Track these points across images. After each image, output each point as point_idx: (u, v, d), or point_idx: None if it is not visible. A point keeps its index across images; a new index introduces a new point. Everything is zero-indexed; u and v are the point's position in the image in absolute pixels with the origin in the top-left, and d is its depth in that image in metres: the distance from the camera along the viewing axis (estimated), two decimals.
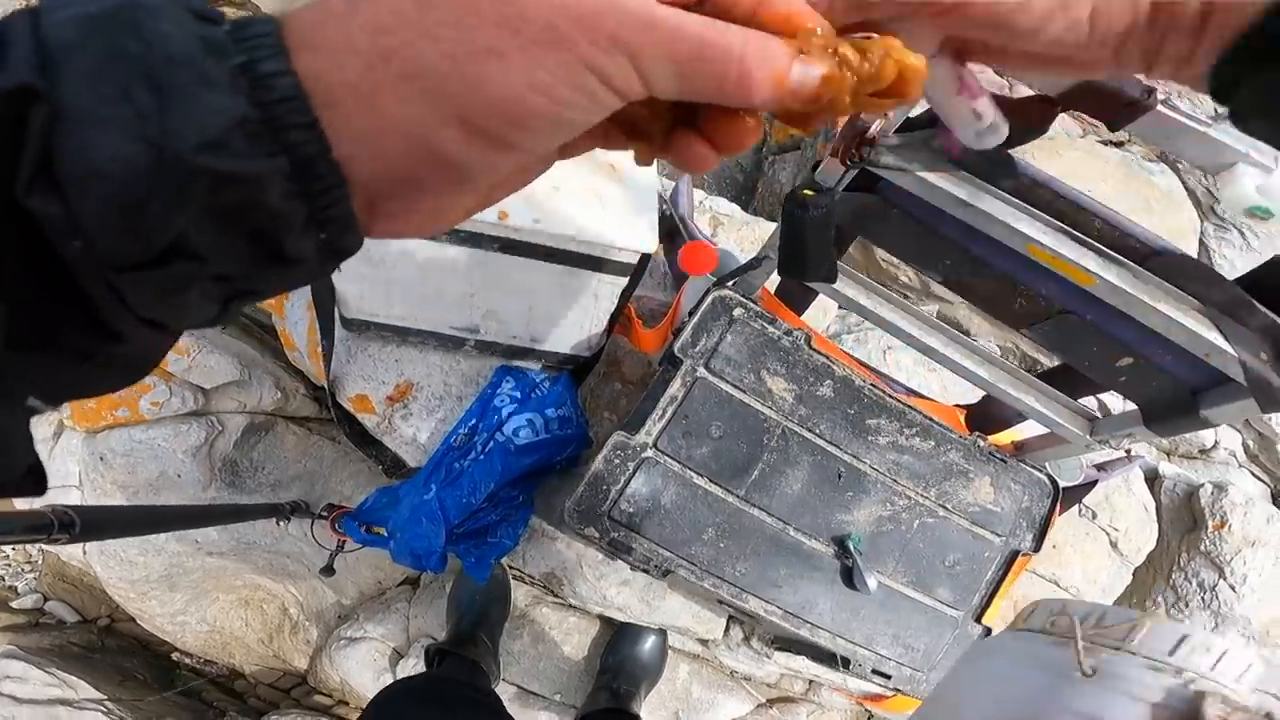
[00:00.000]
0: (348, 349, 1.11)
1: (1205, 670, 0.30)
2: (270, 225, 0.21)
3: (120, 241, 0.19)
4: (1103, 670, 0.32)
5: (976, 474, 1.05)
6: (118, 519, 0.80)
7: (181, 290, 0.21)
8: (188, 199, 0.19)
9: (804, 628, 0.98)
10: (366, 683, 1.43)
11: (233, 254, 0.21)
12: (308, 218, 0.21)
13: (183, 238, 0.20)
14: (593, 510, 0.90)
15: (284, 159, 0.20)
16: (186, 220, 0.19)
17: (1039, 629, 0.38)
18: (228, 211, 0.20)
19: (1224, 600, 1.59)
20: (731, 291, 0.99)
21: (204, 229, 0.20)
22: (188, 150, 0.18)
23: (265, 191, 0.20)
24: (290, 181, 0.20)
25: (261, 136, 0.20)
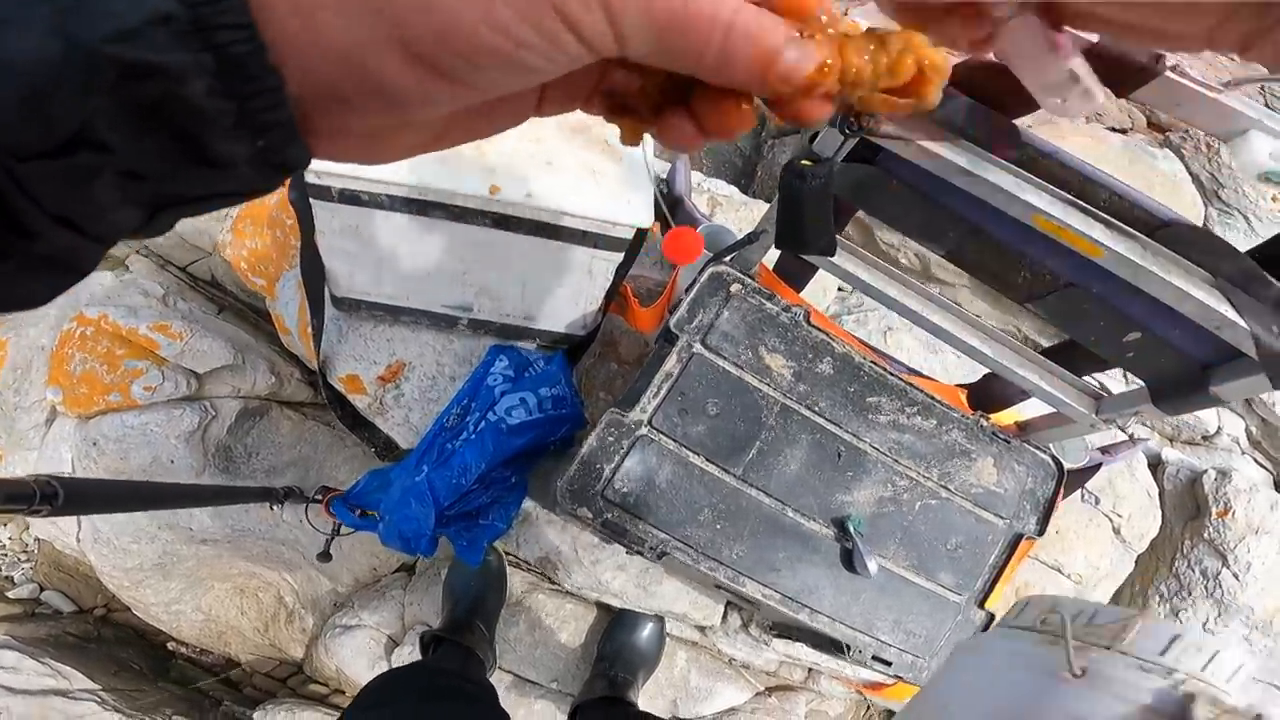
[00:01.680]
0: (338, 328, 1.09)
1: (1196, 671, 0.30)
2: (192, 123, 0.20)
3: (21, 130, 0.18)
4: (1092, 670, 0.31)
5: (979, 454, 1.03)
6: (103, 492, 0.78)
7: (87, 182, 0.20)
8: (93, 87, 0.18)
9: (803, 612, 0.96)
10: (362, 671, 1.41)
11: (148, 150, 0.20)
12: (237, 120, 0.20)
13: (88, 128, 0.19)
14: (586, 490, 0.89)
15: (208, 56, 0.19)
16: (92, 110, 0.18)
17: (1029, 626, 0.37)
18: (141, 104, 0.19)
19: (1227, 589, 1.57)
20: (728, 267, 0.97)
21: (115, 121, 0.19)
22: (97, 39, 0.18)
23: (183, 86, 0.19)
24: (216, 79, 0.19)
25: (186, 35, 0.18)
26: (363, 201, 0.88)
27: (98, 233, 0.22)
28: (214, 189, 0.22)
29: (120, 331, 1.30)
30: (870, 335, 1.48)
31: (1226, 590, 1.57)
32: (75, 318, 1.33)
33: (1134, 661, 0.31)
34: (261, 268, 1.29)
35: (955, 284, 1.77)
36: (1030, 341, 1.80)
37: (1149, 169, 1.95)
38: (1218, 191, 1.98)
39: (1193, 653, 0.30)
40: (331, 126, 0.23)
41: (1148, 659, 0.30)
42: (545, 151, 0.91)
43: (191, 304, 1.48)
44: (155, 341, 1.30)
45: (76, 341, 1.30)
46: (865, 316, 1.50)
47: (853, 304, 1.53)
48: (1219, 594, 1.57)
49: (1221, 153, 1.98)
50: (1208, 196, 1.99)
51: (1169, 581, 1.63)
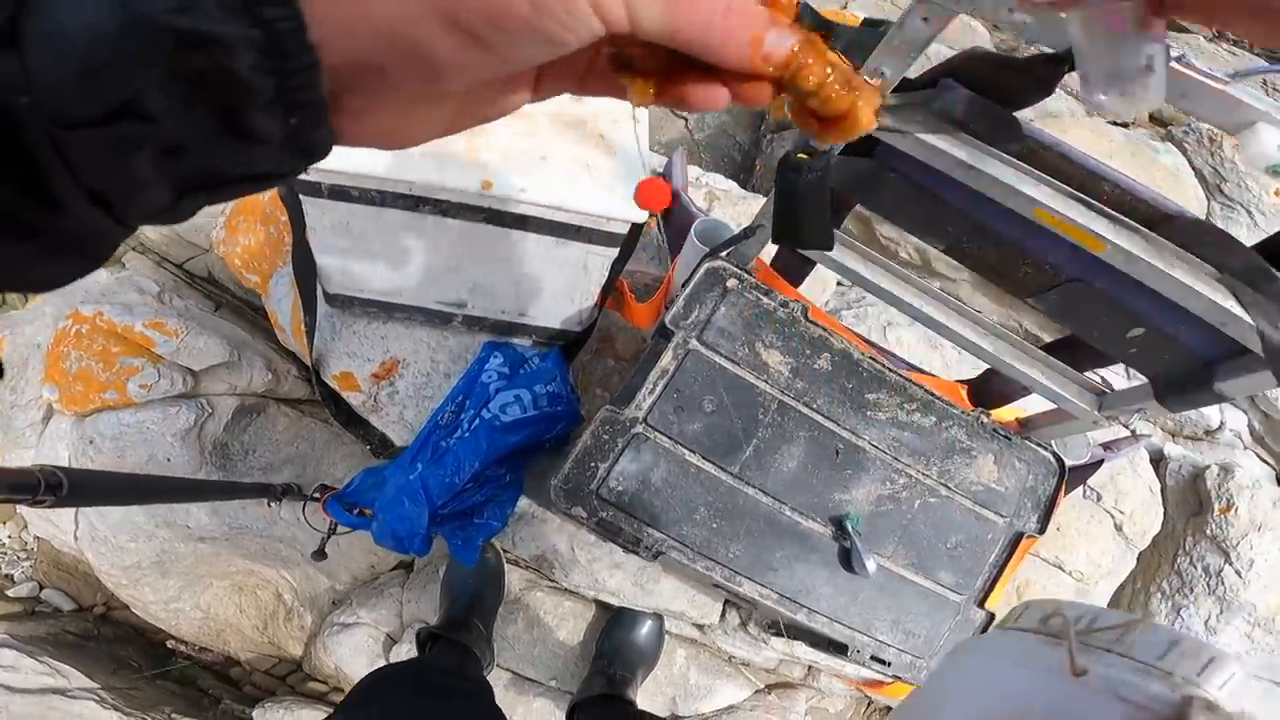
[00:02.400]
0: (332, 325, 1.08)
1: (1193, 676, 0.30)
2: (235, 95, 0.20)
3: (74, 98, 0.19)
4: (1093, 671, 0.32)
5: (979, 451, 1.01)
6: (106, 484, 0.78)
7: (130, 153, 0.20)
8: (151, 56, 0.19)
9: (800, 612, 0.95)
10: (360, 669, 1.41)
11: (190, 120, 0.20)
12: (274, 96, 0.21)
13: (139, 97, 0.19)
14: (580, 489, 0.88)
15: (257, 31, 0.20)
16: (147, 78, 0.19)
17: (1030, 629, 0.37)
18: (191, 74, 0.19)
19: (1229, 586, 1.56)
20: (725, 262, 0.96)
21: (164, 89, 0.19)
22: (158, 10, 0.18)
23: (233, 59, 0.19)
24: (262, 54, 0.20)
25: (238, 9, 0.19)
26: (353, 198, 0.87)
27: (126, 213, 0.22)
28: (246, 169, 0.23)
29: (116, 329, 1.30)
30: (870, 331, 1.47)
31: (1229, 587, 1.55)
32: (71, 315, 1.32)
33: (1133, 664, 0.31)
34: (255, 264, 1.28)
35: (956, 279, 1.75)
36: (1032, 337, 1.78)
37: (1150, 162, 1.93)
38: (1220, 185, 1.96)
39: (1190, 658, 0.30)
40: (362, 104, 0.24)
41: (1147, 662, 0.31)
42: (539, 146, 0.90)
43: (188, 301, 1.47)
44: (151, 339, 1.29)
45: (72, 339, 1.30)
46: (865, 312, 1.49)
47: (852, 299, 1.52)
48: (1221, 591, 1.56)
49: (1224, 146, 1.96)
50: (1210, 190, 1.97)
51: (1171, 578, 1.62)
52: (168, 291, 1.48)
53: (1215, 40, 2.68)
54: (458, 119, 0.28)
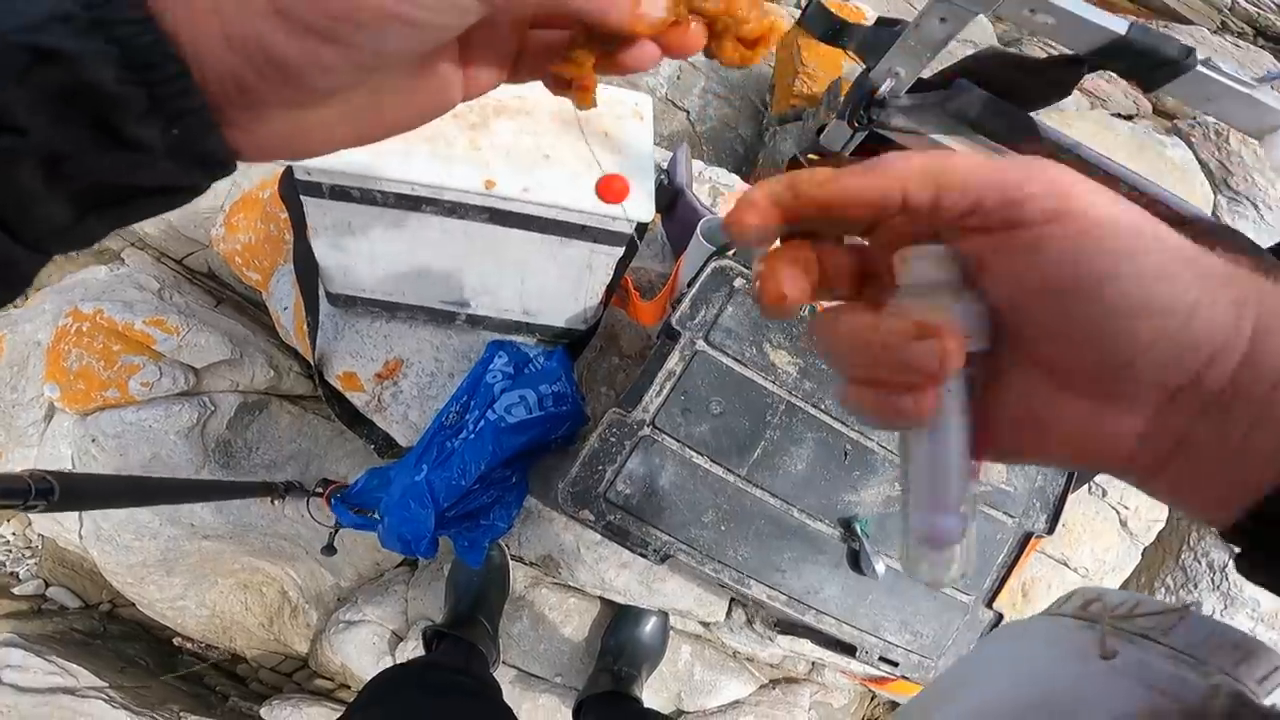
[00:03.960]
0: (334, 325, 1.07)
1: (1228, 667, 0.29)
2: (106, 106, 0.20)
3: None
4: (1124, 655, 0.31)
5: None
6: (100, 487, 0.77)
7: (10, 165, 0.20)
8: (8, 71, 0.19)
9: (809, 614, 0.95)
10: (366, 666, 1.41)
11: (63, 131, 0.20)
12: (149, 106, 0.21)
13: (5, 112, 0.19)
14: (588, 492, 0.87)
15: (113, 47, 0.20)
16: (11, 94, 0.19)
17: (1071, 614, 0.37)
18: (54, 88, 0.20)
19: (1233, 581, 1.56)
20: (732, 261, 0.95)
21: (32, 106, 0.20)
22: (6, 28, 0.19)
23: (91, 72, 0.20)
24: (123, 68, 0.20)
25: (90, 31, 0.19)
26: (354, 198, 0.85)
27: (28, 233, 0.22)
28: (135, 180, 0.22)
29: (116, 327, 1.29)
30: None
31: (1233, 583, 1.56)
32: (70, 313, 1.31)
33: (1167, 651, 0.30)
34: (256, 262, 1.27)
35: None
36: None
37: (1157, 156, 1.91)
38: (1227, 179, 1.94)
39: (1228, 649, 0.30)
40: (247, 117, 0.23)
41: (1183, 650, 0.30)
42: (542, 145, 0.89)
43: (188, 297, 1.46)
44: (151, 336, 1.28)
45: (73, 337, 1.29)
46: None
47: None
48: (1225, 586, 1.56)
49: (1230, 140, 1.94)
50: (1216, 184, 1.95)
51: (1175, 574, 1.62)
52: (168, 288, 1.47)
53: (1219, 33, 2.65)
54: (369, 123, 0.27)
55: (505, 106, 0.92)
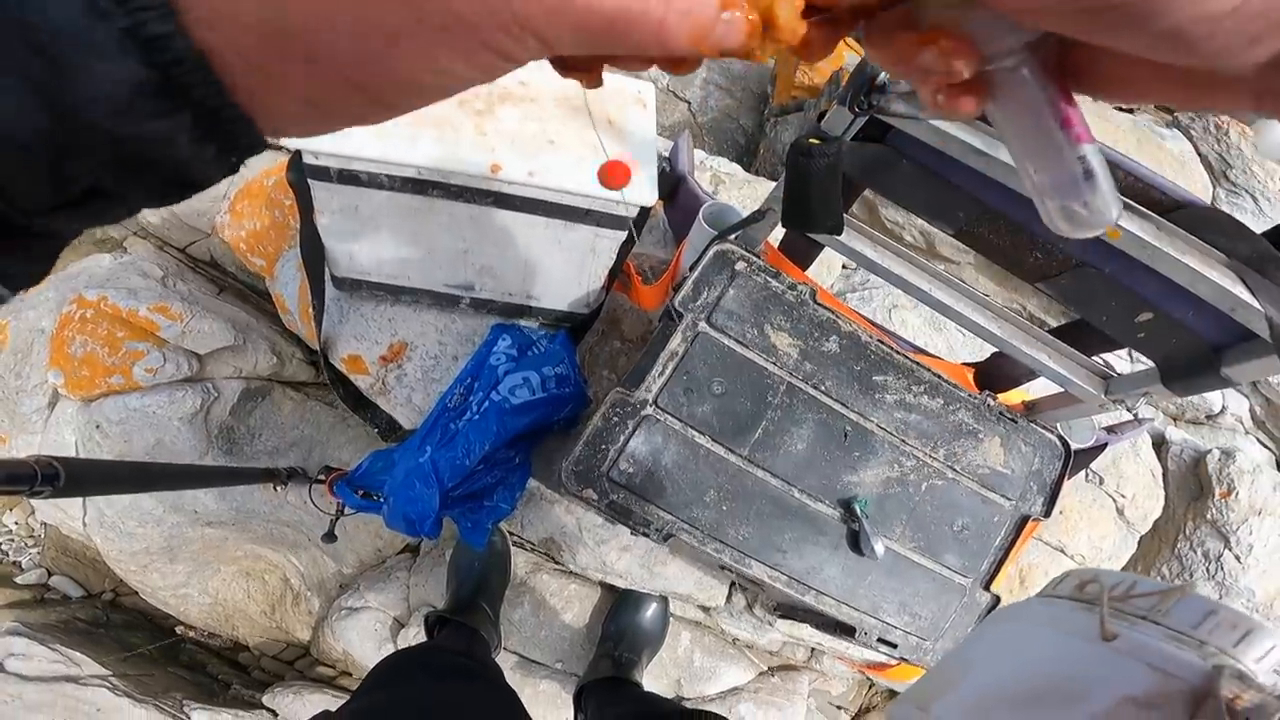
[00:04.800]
0: (339, 309, 1.08)
1: (1227, 647, 0.30)
2: (180, 166, 0.22)
3: (37, 193, 0.21)
4: (1124, 637, 0.32)
5: (986, 434, 1.02)
6: (104, 473, 0.78)
7: (99, 218, 0.23)
8: (99, 157, 0.20)
9: (809, 594, 0.96)
10: (368, 653, 1.42)
11: (145, 191, 0.23)
12: (217, 154, 0.23)
13: (96, 184, 0.21)
14: (591, 471, 0.88)
15: (188, 114, 0.21)
16: (100, 172, 0.21)
17: (1067, 595, 0.37)
18: (139, 161, 0.21)
19: (1229, 571, 1.57)
20: (734, 245, 0.96)
21: (117, 177, 0.21)
22: (96, 118, 0.19)
23: (174, 143, 0.21)
24: (197, 129, 0.21)
25: (163, 95, 0.20)
26: (362, 181, 0.86)
27: None
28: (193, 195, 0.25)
29: (120, 313, 1.30)
30: (875, 313, 1.47)
31: (1228, 572, 1.57)
32: (75, 300, 1.32)
33: (1167, 632, 0.31)
34: (261, 248, 1.28)
35: (960, 262, 1.75)
36: (1037, 320, 1.79)
37: (1157, 149, 1.92)
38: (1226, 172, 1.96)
39: (1226, 629, 0.30)
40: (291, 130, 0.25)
41: (1181, 630, 0.30)
42: (547, 130, 0.90)
43: (191, 285, 1.47)
44: (155, 323, 1.29)
45: (76, 324, 1.29)
46: (870, 294, 1.49)
47: (857, 282, 1.52)
48: (1220, 576, 1.57)
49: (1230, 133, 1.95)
50: (1216, 177, 1.97)
51: (1171, 563, 1.64)
52: (171, 276, 1.47)
53: None
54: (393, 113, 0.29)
55: (510, 93, 0.93)
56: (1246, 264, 0.71)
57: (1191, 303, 0.75)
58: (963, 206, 0.81)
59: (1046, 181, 0.26)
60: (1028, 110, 0.25)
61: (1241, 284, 0.71)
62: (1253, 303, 0.70)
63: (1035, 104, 0.25)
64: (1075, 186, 0.25)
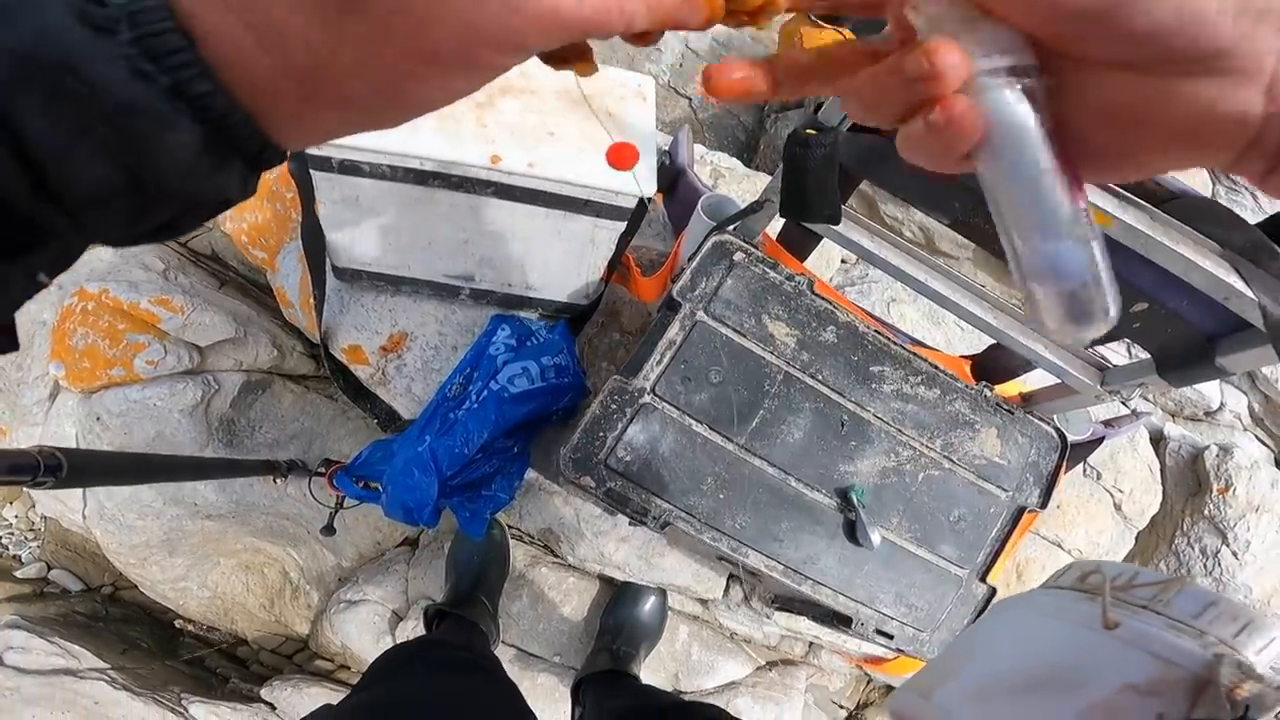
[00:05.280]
0: (340, 299, 1.09)
1: (1228, 637, 0.30)
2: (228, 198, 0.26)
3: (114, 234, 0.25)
4: (1126, 626, 0.32)
5: (983, 425, 1.02)
6: (106, 464, 0.78)
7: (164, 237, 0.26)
8: (169, 208, 0.24)
9: (805, 584, 0.96)
10: (366, 646, 1.42)
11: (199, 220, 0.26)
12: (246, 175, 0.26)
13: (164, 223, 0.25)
14: (589, 458, 0.88)
15: (238, 159, 0.24)
16: (169, 216, 0.25)
17: (1070, 586, 0.37)
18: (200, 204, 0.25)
19: (1225, 567, 1.57)
20: (732, 236, 0.97)
21: (184, 218, 0.25)
22: (172, 181, 0.23)
23: (228, 187, 0.25)
24: (244, 170, 0.25)
25: (217, 149, 0.23)
26: (363, 172, 0.87)
27: None
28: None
29: (121, 306, 1.30)
30: (873, 306, 1.47)
31: (1225, 569, 1.57)
32: (76, 292, 1.33)
33: (1168, 622, 0.31)
34: (262, 240, 1.29)
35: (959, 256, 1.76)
36: None
37: None
38: None
39: (1227, 620, 0.30)
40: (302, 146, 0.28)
41: (1182, 621, 0.31)
42: (547, 122, 0.91)
43: (192, 278, 1.47)
44: (156, 315, 1.29)
45: (78, 316, 1.30)
46: (868, 288, 1.50)
47: (856, 275, 1.53)
48: (1218, 572, 1.58)
49: None
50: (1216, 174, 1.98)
51: (1168, 559, 1.64)
52: (172, 269, 1.48)
53: None
54: None
55: (511, 85, 0.94)
56: (1240, 254, 0.71)
57: (1186, 293, 0.75)
58: (958, 196, 0.82)
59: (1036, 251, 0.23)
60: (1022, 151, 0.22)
61: (1235, 273, 0.72)
62: (1247, 292, 0.71)
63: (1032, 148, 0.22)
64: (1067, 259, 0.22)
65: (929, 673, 0.41)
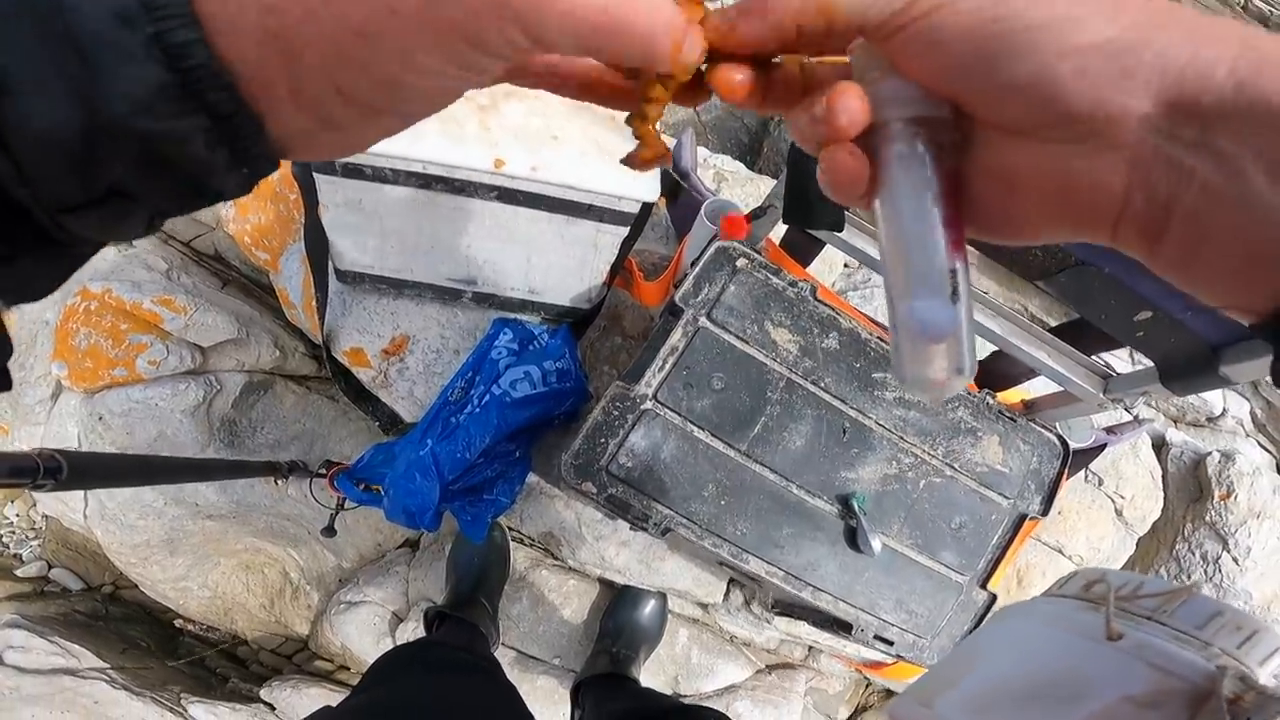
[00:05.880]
0: (342, 302, 1.09)
1: (1231, 648, 0.30)
2: (196, 169, 0.23)
3: (63, 189, 0.22)
4: (1129, 636, 0.31)
5: (985, 432, 1.02)
6: (107, 466, 0.78)
7: (118, 222, 0.24)
8: (122, 154, 0.21)
9: (806, 590, 0.96)
10: (366, 647, 1.42)
11: (163, 193, 0.24)
12: (230, 162, 0.24)
13: (118, 183, 0.22)
14: (590, 464, 0.88)
15: (204, 116, 0.22)
16: (122, 170, 0.22)
17: (1074, 595, 0.37)
18: (158, 160, 0.22)
19: (1226, 573, 1.57)
20: (735, 241, 0.97)
21: (138, 176, 0.22)
22: (121, 115, 0.21)
23: (190, 143, 0.22)
24: (211, 134, 0.22)
25: (183, 99, 0.21)
26: (366, 175, 0.87)
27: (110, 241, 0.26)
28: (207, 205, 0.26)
29: (124, 306, 1.30)
30: (876, 312, 1.47)
31: (1225, 574, 1.57)
32: (79, 292, 1.33)
33: (1172, 633, 0.31)
34: (265, 242, 1.29)
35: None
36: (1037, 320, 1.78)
37: None
38: None
39: (1231, 630, 0.30)
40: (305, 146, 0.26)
41: (1186, 631, 0.30)
42: (551, 126, 0.90)
43: (195, 279, 1.47)
44: (159, 315, 1.30)
45: (81, 316, 1.30)
46: (871, 293, 1.50)
47: (858, 280, 1.52)
48: (1218, 578, 1.57)
49: None
50: None
51: (1169, 565, 1.64)
52: (175, 269, 1.48)
53: None
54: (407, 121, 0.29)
55: (515, 89, 0.94)
56: None
57: (1189, 302, 0.75)
58: None
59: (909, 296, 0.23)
60: (912, 200, 0.23)
61: None
62: None
63: (921, 194, 0.23)
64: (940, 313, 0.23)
65: (929, 680, 0.41)
